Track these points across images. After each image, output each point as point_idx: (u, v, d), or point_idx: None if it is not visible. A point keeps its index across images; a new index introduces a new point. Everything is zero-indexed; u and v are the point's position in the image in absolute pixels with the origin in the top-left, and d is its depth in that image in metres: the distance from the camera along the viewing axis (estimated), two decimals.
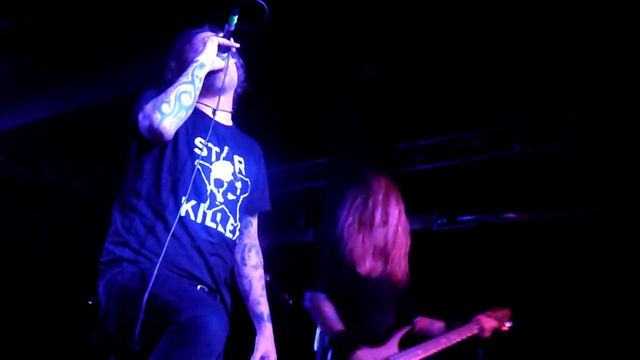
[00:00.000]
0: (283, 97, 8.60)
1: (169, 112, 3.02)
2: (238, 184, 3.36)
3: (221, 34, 3.32)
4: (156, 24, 7.01)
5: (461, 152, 9.43)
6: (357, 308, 4.75)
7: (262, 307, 3.53)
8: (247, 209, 3.48)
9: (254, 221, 3.62)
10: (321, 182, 10.19)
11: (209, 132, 3.22)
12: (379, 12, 7.10)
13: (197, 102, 3.28)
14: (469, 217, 10.03)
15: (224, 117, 3.46)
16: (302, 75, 8.19)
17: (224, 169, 3.32)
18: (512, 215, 9.76)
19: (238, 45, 3.34)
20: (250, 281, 3.54)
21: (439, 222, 10.24)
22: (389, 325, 4.84)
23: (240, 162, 3.42)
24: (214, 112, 3.34)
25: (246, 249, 3.56)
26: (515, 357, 8.86)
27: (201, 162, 3.23)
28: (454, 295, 9.58)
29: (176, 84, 3.12)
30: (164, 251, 2.99)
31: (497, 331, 5.28)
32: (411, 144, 9.68)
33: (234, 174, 3.36)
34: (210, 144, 3.29)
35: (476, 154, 9.31)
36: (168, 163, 3.20)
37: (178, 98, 3.05)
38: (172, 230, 3.06)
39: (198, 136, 3.28)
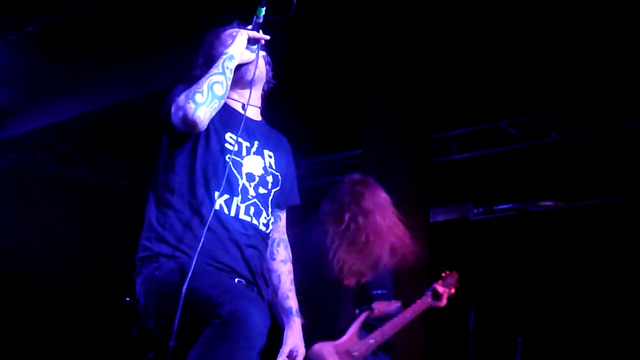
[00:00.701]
0: (317, 89, 8.59)
1: (203, 102, 3.02)
2: (269, 178, 3.36)
3: (250, 27, 3.32)
4: (188, 19, 7.03)
5: (496, 140, 9.37)
6: (324, 304, 4.72)
7: (291, 301, 3.54)
8: (277, 203, 3.48)
9: (283, 215, 3.62)
10: (356, 173, 10.17)
11: (240, 128, 3.23)
12: (412, 2, 7.07)
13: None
14: (505, 206, 9.99)
15: (253, 112, 3.46)
16: (335, 67, 8.18)
17: (255, 164, 3.33)
18: (549, 203, 9.71)
19: (268, 37, 3.33)
20: (279, 275, 3.54)
21: (476, 211, 10.21)
22: (352, 313, 4.82)
23: (270, 157, 3.42)
24: (243, 107, 3.36)
25: (275, 244, 3.56)
26: (555, 345, 8.82)
27: (233, 157, 3.23)
28: (491, 284, 9.55)
29: (207, 75, 3.12)
30: (200, 245, 2.99)
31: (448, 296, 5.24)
32: (445, 134, 9.64)
33: (264, 168, 3.36)
34: (240, 139, 3.29)
35: (512, 142, 9.24)
36: (200, 158, 3.21)
37: (211, 88, 3.06)
38: (207, 224, 3.06)
39: (228, 131, 3.28)
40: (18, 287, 10.35)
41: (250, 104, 3.39)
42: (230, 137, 3.27)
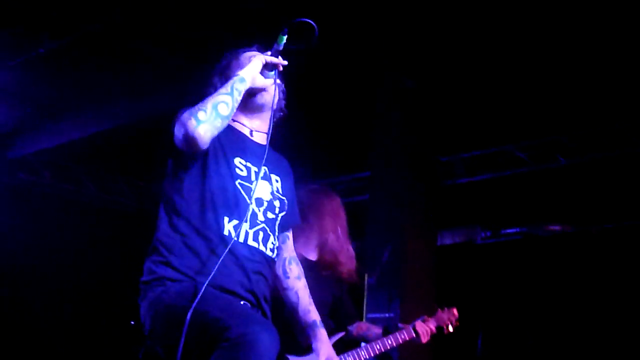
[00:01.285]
0: (325, 111, 8.60)
1: (205, 120, 2.99)
2: (276, 203, 3.37)
3: (269, 53, 3.31)
4: (198, 41, 7.06)
5: (504, 164, 9.36)
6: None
7: (313, 314, 3.55)
8: (283, 226, 3.49)
9: (290, 235, 3.63)
10: (364, 196, 10.19)
11: (264, 158, 3.23)
12: (420, 25, 7.09)
13: (234, 122, 3.32)
14: (513, 230, 9.98)
15: (261, 137, 3.46)
16: (344, 89, 8.19)
17: (264, 189, 3.33)
18: (556, 227, 9.69)
19: (286, 62, 3.31)
20: (296, 292, 3.56)
21: (483, 235, 10.20)
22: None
23: (277, 181, 3.43)
24: (251, 133, 3.38)
25: (286, 262, 3.57)
26: None
27: (242, 182, 3.23)
28: (498, 308, 9.53)
29: (214, 95, 3.11)
30: (215, 269, 2.98)
31: (441, 332, 5.23)
32: (453, 157, 9.64)
33: (272, 193, 3.36)
34: (249, 164, 3.30)
35: (519, 166, 9.23)
36: (209, 183, 3.20)
37: (215, 107, 3.04)
38: (215, 249, 3.08)
39: (237, 156, 3.28)
40: (24, 307, 10.35)
41: (258, 130, 3.40)
42: (240, 162, 3.27)
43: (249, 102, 3.32)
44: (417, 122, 8.09)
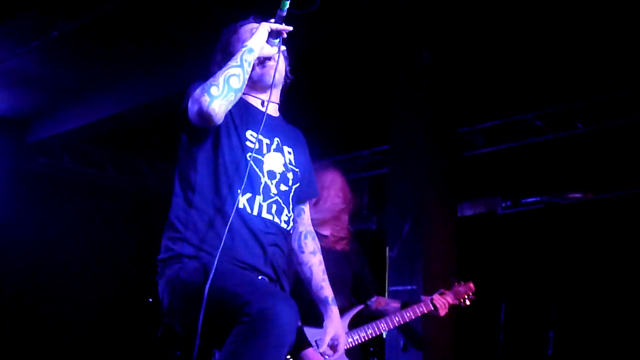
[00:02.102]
0: (342, 86, 8.59)
1: (218, 94, 3.00)
2: (289, 175, 3.37)
3: (272, 20, 3.29)
4: (213, 18, 7.04)
5: (523, 133, 9.33)
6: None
7: (326, 291, 3.55)
8: (299, 198, 3.49)
9: (306, 208, 3.64)
10: (383, 169, 10.17)
11: (262, 125, 3.22)
12: None
13: (244, 94, 3.29)
14: (533, 199, 9.93)
15: (272, 108, 3.45)
16: (361, 63, 8.17)
17: (276, 161, 3.32)
18: (577, 195, 9.64)
19: (291, 28, 3.29)
20: (310, 267, 3.56)
21: (504, 204, 10.17)
22: (340, 305, 4.83)
23: (289, 153, 3.42)
24: (263, 104, 3.36)
25: (302, 236, 3.58)
26: (587, 337, 8.77)
27: (254, 154, 3.23)
28: (521, 277, 9.51)
29: (225, 68, 3.09)
30: (222, 245, 2.99)
31: (459, 306, 5.29)
32: (472, 128, 9.60)
33: (285, 165, 3.36)
34: (261, 136, 3.29)
35: (538, 134, 9.20)
36: (222, 156, 3.20)
37: (227, 81, 3.03)
38: (229, 224, 3.06)
39: (249, 129, 3.27)
40: (46, 290, 10.42)
41: (270, 101, 3.38)
42: (251, 134, 3.26)
43: (258, 73, 3.31)
44: (434, 93, 8.05)
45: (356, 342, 4.88)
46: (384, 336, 6.87)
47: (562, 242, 9.26)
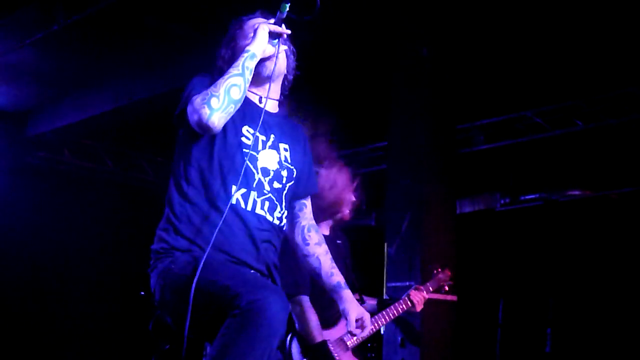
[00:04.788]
0: (341, 82, 8.59)
1: (218, 107, 3.03)
2: (284, 173, 3.37)
3: (272, 21, 3.31)
4: (214, 13, 7.04)
5: (522, 130, 9.34)
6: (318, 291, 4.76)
7: (337, 277, 3.56)
8: (297, 195, 3.52)
9: (308, 202, 3.64)
10: (382, 165, 10.18)
11: (260, 122, 3.24)
12: None
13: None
14: (532, 196, 9.94)
15: (271, 105, 3.46)
16: (360, 59, 8.18)
17: (270, 158, 3.34)
18: (576, 192, 9.65)
19: (289, 31, 3.32)
20: (317, 257, 3.57)
21: (502, 202, 10.17)
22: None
23: (285, 150, 3.42)
24: (260, 100, 3.37)
25: (305, 230, 3.59)
26: (585, 335, 8.79)
27: (248, 150, 3.24)
28: (519, 274, 9.53)
29: (226, 76, 3.11)
30: (213, 238, 3.02)
31: (441, 292, 5.37)
32: (471, 125, 9.61)
33: (279, 162, 3.36)
34: (257, 133, 3.30)
35: (538, 132, 9.21)
36: (217, 151, 3.22)
37: (227, 92, 3.06)
38: (223, 218, 3.08)
39: (246, 124, 3.29)
40: (44, 284, 10.45)
41: (267, 97, 3.38)
42: (247, 130, 3.28)
43: (257, 71, 3.30)
44: (433, 90, 8.06)
45: (361, 340, 4.93)
46: (382, 332, 6.88)
47: (560, 239, 9.28)
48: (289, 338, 4.68)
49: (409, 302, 5.18)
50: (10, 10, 7.46)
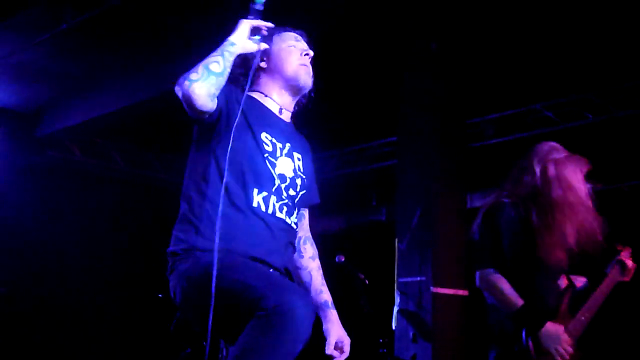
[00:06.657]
0: (351, 78, 8.58)
1: (197, 78, 3.03)
2: (298, 181, 3.38)
3: (251, 17, 3.28)
4: (225, 10, 7.04)
5: (532, 124, 9.31)
6: (533, 279, 4.60)
7: (325, 295, 3.52)
8: (302, 204, 3.51)
9: (306, 214, 3.63)
10: (392, 161, 10.17)
11: (277, 129, 3.29)
12: None
13: (266, 97, 3.37)
14: None
15: (286, 115, 3.49)
16: (369, 55, 8.16)
17: (287, 165, 3.34)
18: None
19: (270, 24, 3.30)
20: (309, 272, 3.53)
21: None
22: (558, 291, 4.69)
23: (299, 159, 3.43)
24: (281, 111, 3.41)
25: (301, 242, 3.56)
26: (593, 329, 8.75)
27: (268, 156, 3.25)
28: None
29: (206, 59, 3.14)
30: (236, 238, 3.03)
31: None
32: (482, 118, 9.59)
33: (294, 170, 3.37)
34: (274, 140, 3.32)
35: (548, 125, 9.18)
36: (237, 154, 3.19)
37: (206, 67, 3.07)
38: (245, 219, 3.10)
39: (264, 131, 3.29)
40: (55, 282, 10.46)
41: (287, 109, 3.43)
42: (266, 137, 3.29)
43: (283, 79, 3.36)
44: (443, 85, 8.05)
45: (583, 328, 4.66)
46: (394, 327, 6.88)
47: None
48: None
49: (619, 273, 4.81)
50: (19, 10, 7.47)
